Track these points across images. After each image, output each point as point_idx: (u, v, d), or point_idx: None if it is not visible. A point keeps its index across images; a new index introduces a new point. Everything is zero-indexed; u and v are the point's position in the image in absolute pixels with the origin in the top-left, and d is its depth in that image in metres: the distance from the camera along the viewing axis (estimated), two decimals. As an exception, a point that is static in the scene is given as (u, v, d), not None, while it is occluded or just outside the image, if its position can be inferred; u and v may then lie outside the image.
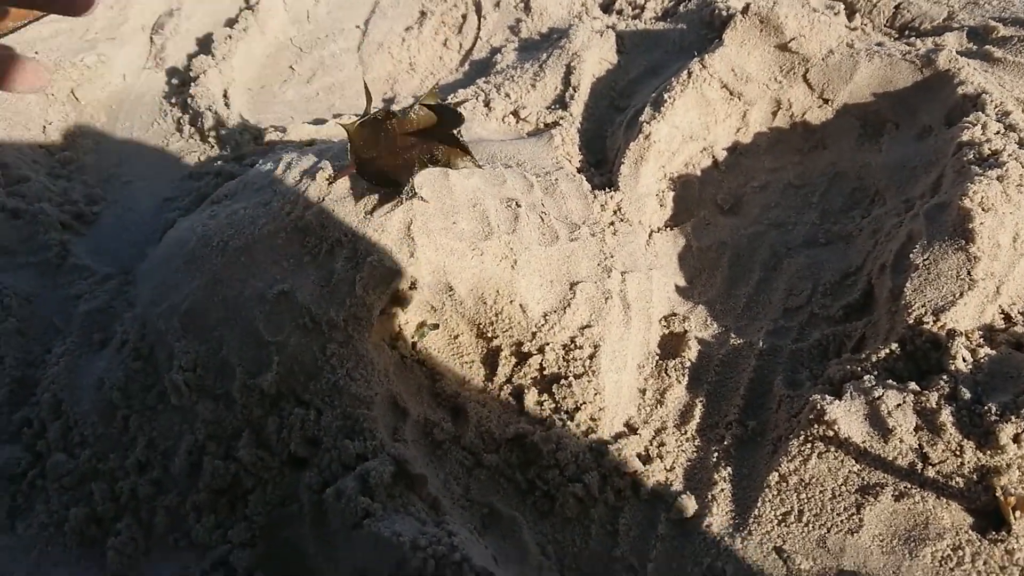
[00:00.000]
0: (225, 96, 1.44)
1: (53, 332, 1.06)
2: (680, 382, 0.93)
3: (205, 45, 1.59)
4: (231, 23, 1.62)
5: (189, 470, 0.88)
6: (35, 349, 1.05)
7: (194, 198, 1.23)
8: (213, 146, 1.35)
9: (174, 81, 1.54)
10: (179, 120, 1.42)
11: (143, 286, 1.02)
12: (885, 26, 1.41)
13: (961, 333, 0.80)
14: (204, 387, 0.88)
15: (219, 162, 1.28)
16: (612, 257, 0.99)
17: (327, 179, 0.92)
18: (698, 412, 0.91)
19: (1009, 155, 0.88)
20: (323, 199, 0.92)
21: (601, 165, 1.22)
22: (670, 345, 0.98)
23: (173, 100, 1.47)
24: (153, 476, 0.89)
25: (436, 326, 0.93)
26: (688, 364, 0.95)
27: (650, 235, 1.09)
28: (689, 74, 1.17)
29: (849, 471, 0.76)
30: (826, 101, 1.17)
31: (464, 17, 1.63)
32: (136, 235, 1.21)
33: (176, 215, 1.18)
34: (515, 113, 1.30)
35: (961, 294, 0.82)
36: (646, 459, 0.86)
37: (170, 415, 0.90)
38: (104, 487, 0.89)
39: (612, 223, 1.06)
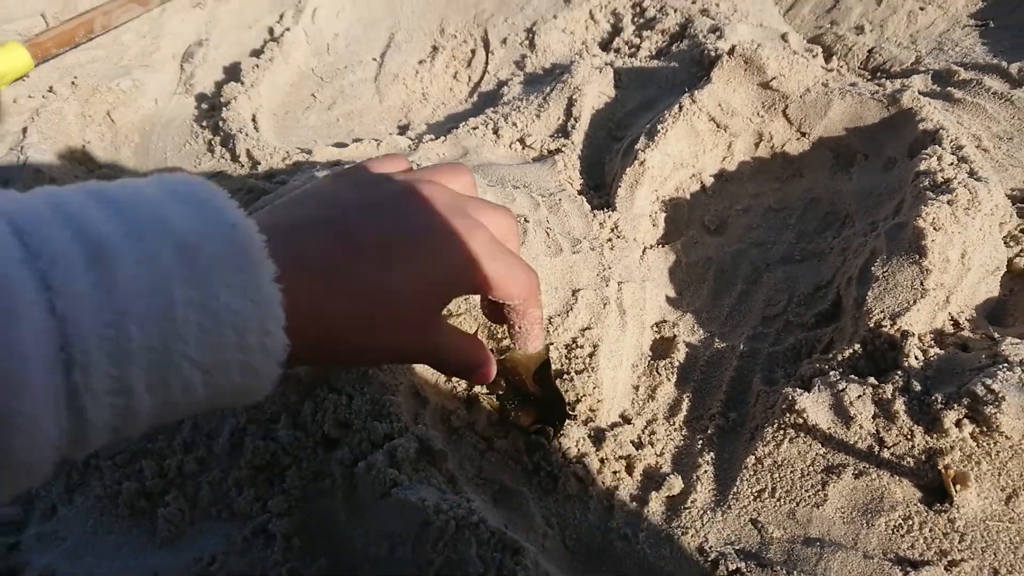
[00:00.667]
0: (254, 120, 1.56)
1: (102, 329, 1.17)
2: (669, 380, 1.04)
3: (232, 73, 1.72)
4: (257, 53, 1.75)
5: (231, 450, 0.98)
6: (85, 344, 1.15)
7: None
8: (243, 165, 1.46)
9: (203, 106, 1.66)
10: (210, 141, 1.54)
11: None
12: (859, 68, 1.55)
13: (914, 335, 0.91)
14: (246, 376, 0.99)
15: (250, 180, 1.40)
16: (610, 269, 1.11)
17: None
18: (685, 406, 1.02)
19: (959, 183, 1.00)
20: (354, 212, 1.04)
21: (600, 188, 1.34)
22: (661, 348, 1.09)
23: (204, 123, 1.59)
24: (198, 455, 0.99)
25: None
26: (677, 364, 1.06)
27: (644, 251, 1.20)
28: (680, 108, 1.29)
29: (816, 453, 0.87)
30: (803, 134, 1.29)
31: (473, 52, 1.76)
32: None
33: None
34: (521, 140, 1.42)
35: (915, 301, 0.93)
36: (639, 445, 0.97)
37: (214, 401, 1.00)
38: (153, 465, 0.99)
39: (610, 239, 1.18)
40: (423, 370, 1.01)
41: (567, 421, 0.95)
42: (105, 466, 1.01)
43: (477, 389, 0.99)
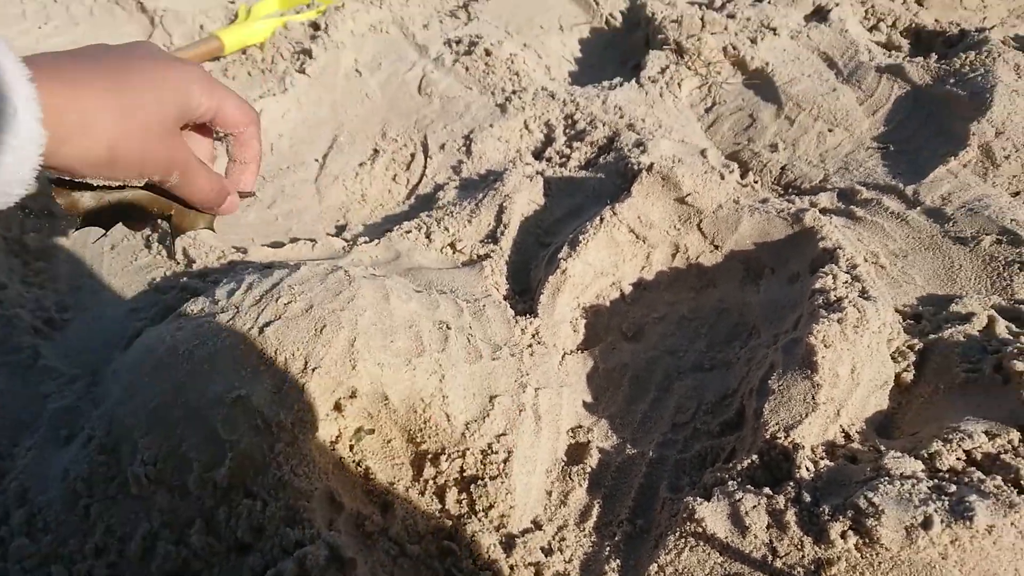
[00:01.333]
0: (193, 218, 1.59)
1: (22, 428, 1.17)
2: (582, 485, 1.08)
3: (176, 170, 1.75)
4: (201, 151, 1.79)
5: (142, 555, 0.98)
6: (4, 443, 1.15)
7: (160, 309, 1.36)
8: (179, 262, 1.49)
9: (145, 201, 1.69)
10: (148, 238, 1.57)
11: (111, 387, 1.14)
12: (773, 183, 1.65)
13: (805, 447, 0.97)
14: (163, 479, 1.00)
15: (184, 278, 1.43)
16: (528, 375, 1.15)
17: (286, 303, 1.08)
18: (595, 512, 1.05)
19: (849, 302, 1.08)
20: (280, 317, 1.07)
21: (525, 294, 1.39)
22: (575, 453, 1.13)
23: (143, 218, 1.62)
24: (109, 560, 0.99)
25: (372, 431, 1.06)
26: (589, 470, 1.09)
27: (563, 357, 1.25)
28: (601, 219, 1.36)
29: (714, 562, 0.91)
30: (716, 247, 1.37)
31: (412, 156, 1.84)
32: (103, 341, 1.33)
33: (143, 324, 1.31)
34: (452, 245, 1.48)
35: (807, 415, 0.99)
36: (548, 552, 1.00)
37: (129, 504, 1.01)
38: (63, 570, 0.99)
39: (530, 345, 1.23)
40: (339, 475, 1.03)
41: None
42: (12, 570, 1.00)
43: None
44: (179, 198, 0.67)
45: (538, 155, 1.79)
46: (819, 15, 2.10)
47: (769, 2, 2.15)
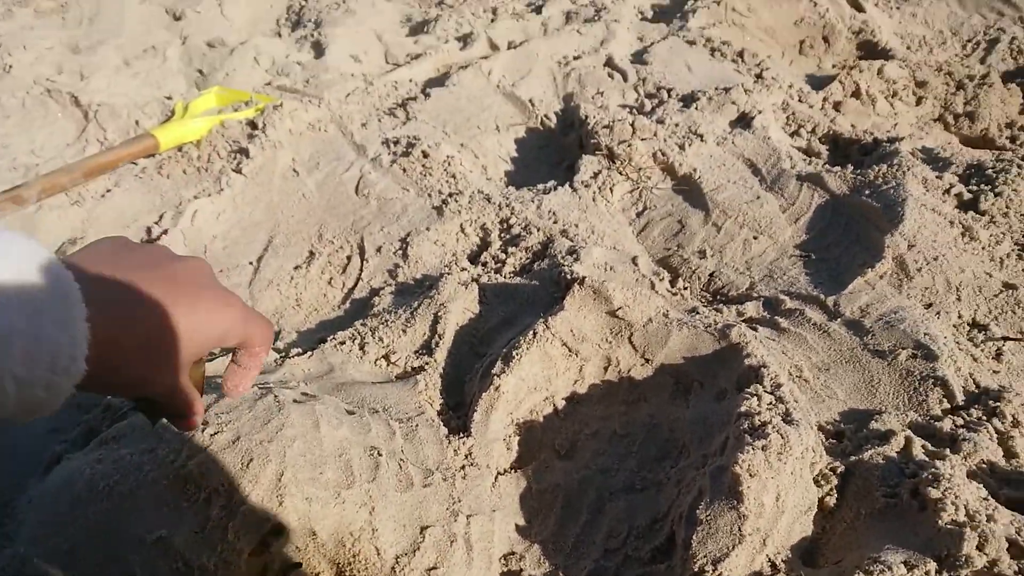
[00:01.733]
0: (120, 328, 1.56)
1: (-74, 566, 1.11)
2: (513, 620, 1.07)
3: (105, 273, 1.72)
4: (132, 255, 1.77)
5: None
6: (-95, 584, 1.09)
7: (81, 431, 1.31)
8: (104, 377, 1.45)
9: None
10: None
11: (25, 523, 1.10)
12: (701, 290, 1.70)
13: (732, 582, 0.98)
14: (76, 628, 0.96)
15: (109, 395, 1.39)
16: (460, 501, 1.15)
17: (212, 434, 1.06)
18: (527, 648, 1.04)
19: (773, 427, 1.10)
20: (205, 450, 1.05)
21: (459, 407, 1.39)
22: (507, 582, 1.12)
23: (68, 327, 1.58)
24: None
25: (299, 565, 1.04)
26: (521, 602, 1.09)
27: (496, 477, 1.25)
28: (535, 334, 1.38)
29: None
30: (647, 360, 1.40)
31: (349, 258, 1.84)
32: (19, 465, 1.28)
33: (62, 448, 1.26)
34: (386, 356, 1.48)
35: (733, 547, 1.00)
36: None
37: (38, 656, 0.96)
38: None
39: (463, 467, 1.22)
40: (265, 617, 1.00)
41: None
42: None
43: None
44: None
45: (474, 259, 1.81)
46: (743, 122, 2.20)
47: (696, 108, 2.25)
